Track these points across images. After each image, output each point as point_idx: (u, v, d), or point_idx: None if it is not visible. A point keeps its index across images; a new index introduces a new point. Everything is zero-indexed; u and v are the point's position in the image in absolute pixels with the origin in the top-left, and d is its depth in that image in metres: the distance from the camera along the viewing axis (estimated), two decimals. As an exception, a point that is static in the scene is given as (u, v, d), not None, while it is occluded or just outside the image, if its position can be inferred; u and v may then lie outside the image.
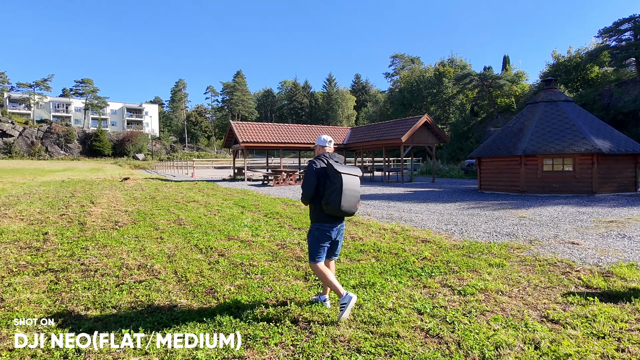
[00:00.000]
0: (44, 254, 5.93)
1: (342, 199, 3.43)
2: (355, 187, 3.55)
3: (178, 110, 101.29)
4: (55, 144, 74.24)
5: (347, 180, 3.48)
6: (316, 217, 3.71)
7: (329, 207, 3.49)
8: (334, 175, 3.50)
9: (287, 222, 8.64)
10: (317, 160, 3.71)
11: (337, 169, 3.48)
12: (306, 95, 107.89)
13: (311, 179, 3.62)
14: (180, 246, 6.45)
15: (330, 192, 3.47)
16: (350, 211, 3.54)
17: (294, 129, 26.08)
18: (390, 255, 5.77)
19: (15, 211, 10.09)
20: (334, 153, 3.84)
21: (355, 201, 3.54)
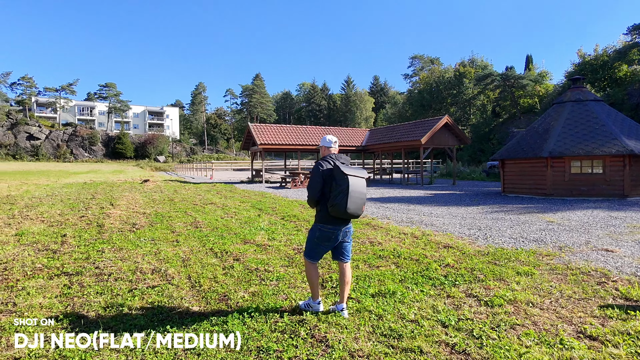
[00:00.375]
0: (60, 257, 5.91)
1: (349, 201, 3.37)
2: (362, 190, 3.49)
3: (198, 113, 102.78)
4: (80, 147, 76.23)
5: (354, 182, 3.42)
6: (320, 217, 3.64)
7: (334, 209, 3.43)
8: (340, 177, 3.44)
9: (304, 226, 8.47)
10: (323, 162, 3.64)
11: (343, 170, 3.42)
12: (324, 97, 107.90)
13: (317, 180, 3.57)
14: (195, 250, 6.35)
15: (337, 194, 3.42)
16: (357, 213, 3.47)
17: (312, 130, 25.96)
18: (411, 261, 5.53)
19: (36, 213, 10.22)
20: (340, 154, 3.77)
21: (361, 203, 3.47)
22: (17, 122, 71.47)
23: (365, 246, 6.47)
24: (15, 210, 10.55)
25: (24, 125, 71.60)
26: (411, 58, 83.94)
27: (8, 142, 69.57)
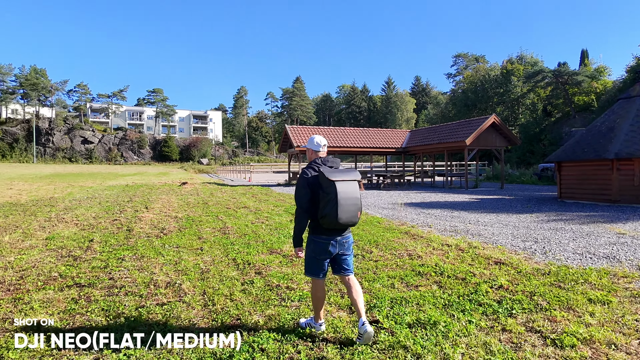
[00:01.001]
0: (79, 265, 5.65)
1: (339, 210, 3.04)
2: (354, 195, 3.13)
3: (240, 116, 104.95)
4: (129, 150, 79.86)
5: (343, 188, 3.07)
6: (312, 228, 3.30)
7: (325, 221, 3.10)
8: (326, 185, 3.10)
9: (337, 234, 7.84)
10: (309, 169, 3.28)
11: (328, 177, 3.07)
12: (364, 99, 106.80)
13: (303, 191, 3.21)
14: (217, 260, 5.90)
15: (325, 204, 3.08)
16: (351, 222, 3.15)
17: (350, 132, 25.29)
18: (456, 281, 4.76)
19: (72, 215, 10.28)
20: (328, 157, 3.41)
21: (355, 210, 3.13)
22: (73, 127, 75.87)
23: (402, 260, 5.74)
24: (53, 212, 10.68)
25: (79, 130, 75.86)
26: (455, 57, 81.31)
27: (65, 146, 74.02)
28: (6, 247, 6.82)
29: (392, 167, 44.04)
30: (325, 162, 3.33)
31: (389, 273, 5.06)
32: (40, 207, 11.59)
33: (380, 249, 6.48)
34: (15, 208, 11.37)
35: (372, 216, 10.32)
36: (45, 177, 28.95)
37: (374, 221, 9.38)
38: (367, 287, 4.55)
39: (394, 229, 8.35)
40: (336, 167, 3.33)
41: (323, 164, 3.32)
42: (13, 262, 5.79)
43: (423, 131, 26.12)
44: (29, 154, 69.77)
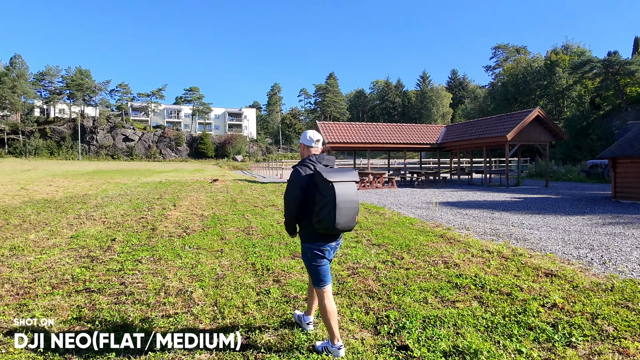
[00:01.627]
0: (94, 267, 5.44)
1: (337, 214, 2.77)
2: (352, 198, 2.86)
3: (273, 113, 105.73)
4: (167, 147, 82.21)
5: (341, 190, 2.80)
6: (306, 235, 3.02)
7: (321, 226, 2.83)
8: (324, 186, 2.82)
9: (365, 236, 7.32)
10: (302, 167, 2.99)
11: (326, 177, 2.79)
12: (398, 94, 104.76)
13: (294, 192, 2.95)
14: (235, 264, 5.53)
15: (321, 207, 2.81)
16: (349, 227, 2.89)
17: (383, 128, 24.52)
18: (500, 296, 4.14)
19: (101, 213, 10.30)
20: (323, 154, 3.11)
21: (353, 214, 2.87)
22: (115, 125, 78.91)
23: (437, 269, 5.15)
24: (84, 210, 10.75)
25: (121, 128, 78.80)
26: (494, 48, 78.11)
27: (108, 144, 77.13)
28: (30, 245, 6.77)
29: (426, 163, 42.75)
30: (320, 160, 3.04)
31: (421, 284, 4.50)
32: (72, 204, 11.74)
33: (412, 254, 5.91)
34: (49, 205, 11.57)
35: (405, 216, 9.70)
36: (86, 174, 30.00)
37: (406, 222, 8.77)
38: (395, 301, 4.02)
39: (428, 231, 7.72)
40: (331, 166, 3.06)
41: (318, 162, 3.03)
42: (31, 263, 5.67)
43: (460, 126, 24.96)
44: (75, 152, 73.18)
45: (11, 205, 11.33)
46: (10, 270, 5.28)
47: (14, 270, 5.28)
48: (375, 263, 5.43)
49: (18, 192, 14.54)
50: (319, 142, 3.16)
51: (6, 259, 5.89)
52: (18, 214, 9.98)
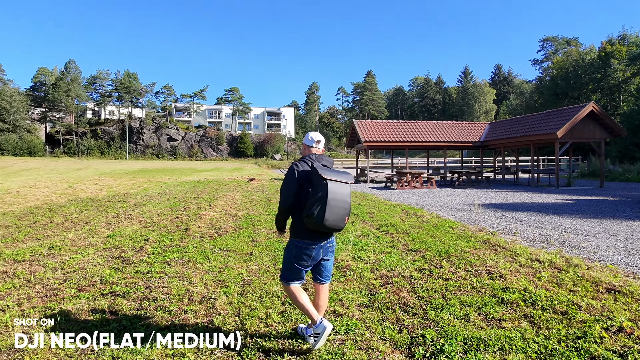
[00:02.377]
0: (124, 268, 5.41)
1: (327, 211, 2.84)
2: (344, 198, 2.93)
3: (311, 112, 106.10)
4: (208, 147, 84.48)
5: (334, 188, 2.88)
6: (295, 230, 3.10)
7: (310, 221, 2.89)
8: (318, 183, 2.93)
9: (401, 240, 6.91)
10: (300, 163, 3.11)
11: (322, 174, 2.89)
12: (439, 91, 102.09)
13: (290, 185, 3.03)
14: (263, 269, 5.32)
15: (313, 203, 2.89)
16: (338, 226, 2.94)
17: (422, 126, 23.73)
18: (555, 315, 3.65)
19: (139, 212, 10.48)
20: (322, 155, 3.24)
21: (343, 214, 2.93)
22: (160, 126, 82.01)
23: (480, 280, 4.69)
24: (123, 209, 11.01)
25: (165, 129, 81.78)
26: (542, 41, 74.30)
27: (153, 144, 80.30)
28: (67, 244, 6.91)
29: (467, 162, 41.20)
30: (319, 159, 3.13)
31: (462, 298, 4.08)
32: (113, 203, 12.07)
33: (452, 262, 5.46)
34: (91, 203, 11.96)
35: (444, 219, 9.16)
36: (131, 173, 31.19)
37: (445, 225, 8.25)
38: (433, 317, 3.64)
39: (470, 236, 7.19)
40: (329, 166, 3.12)
41: (317, 160, 3.12)
42: (65, 263, 5.73)
43: (505, 123, 23.70)
44: (123, 151, 76.73)
45: (57, 204, 11.80)
46: (44, 270, 5.35)
47: (47, 270, 5.34)
48: (411, 271, 5.04)
49: (66, 190, 15.21)
50: (320, 143, 3.25)
51: (43, 258, 6.00)
52: (62, 212, 10.34)
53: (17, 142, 62.49)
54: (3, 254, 6.24)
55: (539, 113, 21.51)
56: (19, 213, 10.25)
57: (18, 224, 8.84)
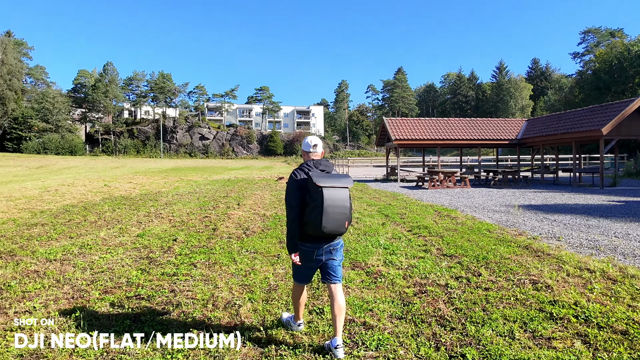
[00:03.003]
0: (150, 270, 5.36)
1: (324, 218, 2.85)
2: (342, 203, 2.92)
3: (341, 110, 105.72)
4: (239, 145, 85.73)
5: (330, 195, 2.87)
6: (299, 235, 3.09)
7: (309, 227, 2.95)
8: (314, 190, 2.92)
9: (435, 244, 6.56)
10: (298, 171, 3.12)
11: (316, 182, 2.87)
12: (472, 87, 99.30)
13: (293, 195, 3.04)
14: (290, 273, 5.13)
15: (310, 210, 2.93)
16: (337, 231, 2.94)
17: (455, 123, 22.97)
18: (613, 335, 3.25)
19: (169, 211, 10.56)
20: (321, 160, 3.20)
21: (342, 219, 2.93)
22: (192, 125, 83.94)
23: (524, 290, 4.31)
24: (154, 207, 11.14)
25: (197, 128, 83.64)
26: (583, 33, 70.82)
27: (186, 142, 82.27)
28: (98, 243, 6.98)
29: (502, 161, 39.75)
30: (317, 165, 3.12)
31: (505, 312, 3.74)
32: (145, 202, 12.26)
33: (491, 270, 5.08)
34: (124, 202, 12.19)
35: (480, 221, 8.70)
36: (164, 171, 31.93)
37: (482, 229, 7.80)
38: (473, 333, 3.32)
39: (509, 240, 6.74)
40: (328, 171, 3.12)
41: (315, 167, 3.11)
42: (94, 263, 5.75)
43: (544, 119, 22.59)
44: (157, 150, 79.01)
45: (92, 202, 12.10)
46: (74, 270, 5.37)
47: (77, 271, 5.36)
48: (447, 279, 4.72)
49: (101, 188, 15.64)
50: (317, 147, 3.22)
51: (74, 258, 6.06)
52: (96, 211, 10.57)
53: (60, 141, 65.42)
54: (37, 252, 6.35)
55: (582, 109, 20.35)
56: (56, 211, 10.55)
57: (54, 222, 9.07)
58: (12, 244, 6.97)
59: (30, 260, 5.90)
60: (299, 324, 3.45)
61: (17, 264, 5.68)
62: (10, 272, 5.28)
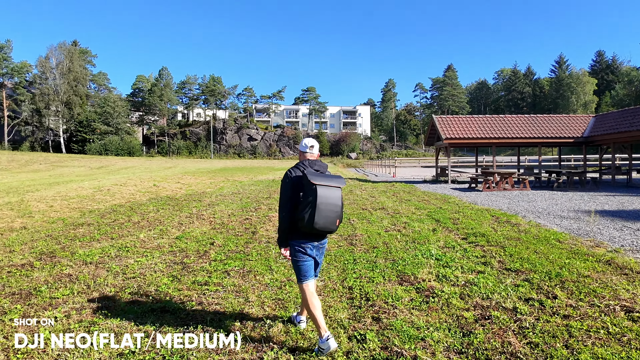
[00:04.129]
0: (182, 277, 5.05)
1: (317, 215, 2.93)
2: (334, 201, 2.99)
3: (388, 109, 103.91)
4: (286, 146, 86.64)
5: (323, 193, 2.95)
6: (290, 231, 3.17)
7: (302, 224, 2.99)
8: (308, 188, 3.00)
9: (496, 255, 5.76)
10: (294, 169, 3.21)
11: (310, 179, 2.96)
12: (528, 83, 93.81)
13: (285, 191, 3.16)
14: (329, 287, 4.60)
15: (303, 207, 2.99)
16: (328, 228, 3.02)
17: (512, 120, 21.37)
18: None
19: (211, 212, 10.41)
20: (316, 160, 3.30)
21: (334, 216, 3.00)
22: (241, 126, 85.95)
23: (616, 321, 3.47)
24: (197, 208, 11.05)
25: (246, 129, 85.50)
26: (658, 20, 64.25)
27: (235, 143, 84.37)
28: (136, 246, 6.84)
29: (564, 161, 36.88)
30: (312, 165, 3.23)
31: (595, 350, 2.97)
32: (189, 202, 12.25)
33: (568, 291, 4.25)
34: (169, 202, 12.25)
35: (547, 229, 7.69)
36: (212, 172, 32.59)
37: (550, 238, 6.83)
38: None
39: (586, 253, 5.78)
40: (322, 171, 3.22)
41: (310, 166, 3.22)
42: (128, 267, 5.55)
43: (615, 115, 20.42)
44: (208, 151, 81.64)
45: (139, 202, 12.27)
46: (107, 275, 5.18)
47: (109, 275, 5.16)
48: (515, 301, 3.97)
49: (150, 188, 15.97)
50: (313, 149, 3.31)
51: (110, 260, 5.91)
52: (141, 211, 10.63)
53: (119, 143, 69.34)
54: (76, 253, 6.29)
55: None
56: (104, 210, 10.74)
57: (99, 222, 9.16)
58: (56, 244, 7.00)
59: (68, 262, 5.81)
60: (326, 338, 2.99)
61: (53, 266, 5.60)
62: (45, 275, 5.18)
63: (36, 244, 7.01)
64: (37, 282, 4.86)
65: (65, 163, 48.22)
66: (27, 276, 5.14)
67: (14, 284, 4.80)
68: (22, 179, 24.94)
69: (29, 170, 39.70)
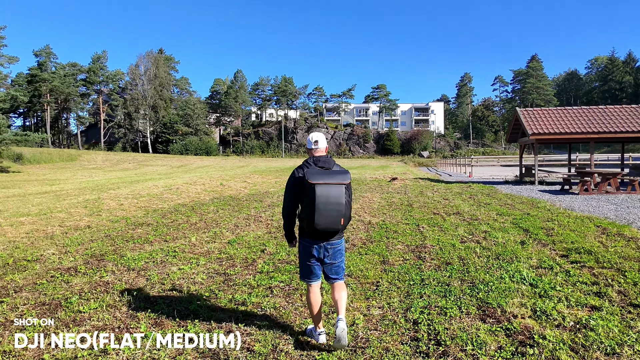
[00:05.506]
0: (219, 294, 4.43)
1: (316, 214, 2.84)
2: (336, 200, 2.86)
3: (463, 105, 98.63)
4: (355, 144, 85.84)
5: (322, 192, 2.83)
6: (299, 229, 3.16)
7: (303, 224, 2.99)
8: (308, 187, 2.88)
9: (613, 282, 4.40)
10: (298, 169, 3.14)
11: (308, 179, 2.86)
12: (628, 71, 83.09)
13: (288, 191, 3.15)
14: (388, 316, 3.69)
15: (304, 207, 2.95)
16: (331, 228, 2.91)
17: (614, 112, 18.38)
18: None
19: (270, 214, 9.91)
20: (321, 156, 3.14)
21: (336, 215, 2.87)
22: (311, 125, 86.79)
23: None
24: (256, 209, 10.65)
25: (316, 128, 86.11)
26: None
27: (305, 142, 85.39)
28: (185, 250, 6.46)
29: None
30: (316, 162, 3.09)
31: None
32: (249, 203, 11.93)
33: None
34: (230, 203, 12.03)
35: (678, 247, 5.98)
36: (281, 170, 32.78)
37: (687, 260, 5.21)
38: None
39: None
40: (328, 167, 3.05)
41: (314, 163, 3.08)
42: (169, 276, 5.10)
43: None
44: (279, 150, 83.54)
45: (201, 202, 12.22)
46: (144, 285, 4.76)
47: (146, 286, 4.73)
48: (656, 363, 2.75)
49: (215, 188, 16.07)
50: (318, 143, 3.16)
51: (153, 267, 5.54)
52: (201, 211, 10.47)
53: (198, 143, 73.51)
54: (125, 257, 6.03)
55: None
56: (167, 210, 10.75)
57: (159, 222, 9.06)
58: (110, 245, 6.87)
59: (112, 267, 5.53)
60: (319, 332, 3.15)
61: (96, 271, 5.33)
62: (84, 282, 4.89)
63: (92, 244, 6.93)
64: (72, 291, 4.56)
65: (150, 162, 52.04)
66: (67, 282, 4.88)
67: (49, 292, 4.53)
68: (110, 177, 26.98)
69: (119, 169, 43.29)
